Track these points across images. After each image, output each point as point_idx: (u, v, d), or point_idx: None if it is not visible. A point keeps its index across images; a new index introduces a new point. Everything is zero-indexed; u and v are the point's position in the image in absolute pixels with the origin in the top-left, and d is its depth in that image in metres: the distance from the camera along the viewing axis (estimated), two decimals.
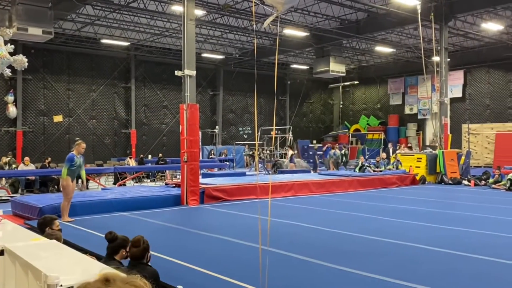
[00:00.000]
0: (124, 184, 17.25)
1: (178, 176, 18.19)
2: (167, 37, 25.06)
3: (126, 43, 25.47)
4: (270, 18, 4.98)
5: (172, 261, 6.15)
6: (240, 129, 32.44)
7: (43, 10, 16.07)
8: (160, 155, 22.79)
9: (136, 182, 18.52)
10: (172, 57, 27.13)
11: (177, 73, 12.29)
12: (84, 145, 9.53)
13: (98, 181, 17.19)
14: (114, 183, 17.84)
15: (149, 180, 19.65)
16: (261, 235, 5.15)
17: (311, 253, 6.56)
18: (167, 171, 20.39)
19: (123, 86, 27.70)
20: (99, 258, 4.52)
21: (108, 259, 4.19)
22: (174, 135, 27.75)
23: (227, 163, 23.93)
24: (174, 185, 13.81)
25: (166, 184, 15.48)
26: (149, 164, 22.04)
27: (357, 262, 6.15)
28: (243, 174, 18.51)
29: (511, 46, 24.97)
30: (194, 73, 12.22)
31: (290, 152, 22.12)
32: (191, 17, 12.34)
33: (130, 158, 21.45)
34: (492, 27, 21.54)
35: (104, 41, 24.29)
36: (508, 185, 15.91)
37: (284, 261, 6.26)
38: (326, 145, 26.69)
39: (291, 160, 21.49)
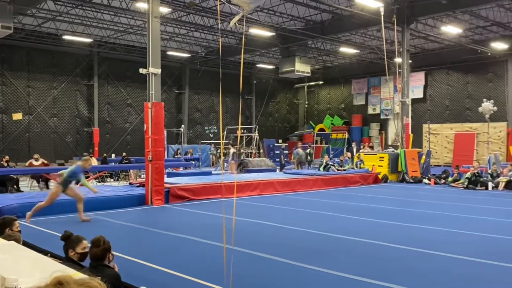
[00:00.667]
0: None
1: (142, 176, 17.94)
2: (131, 34, 24.65)
3: (88, 40, 24.90)
4: (236, 18, 4.99)
5: (136, 262, 6.07)
6: (206, 128, 32.29)
7: (2, 5, 15.55)
8: (124, 154, 22.42)
9: (99, 182, 18.16)
10: (137, 55, 26.72)
11: (142, 71, 12.12)
12: (91, 162, 9.62)
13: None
14: (76, 183, 17.39)
15: (112, 180, 19.31)
16: (227, 234, 5.15)
17: (276, 252, 6.61)
18: (131, 170, 20.07)
19: (85, 83, 27.09)
20: (60, 259, 4.42)
21: (67, 260, 4.09)
22: (138, 133, 27.34)
23: (193, 162, 23.78)
24: (138, 184, 13.62)
25: (130, 183, 15.25)
26: (113, 163, 21.64)
27: (322, 260, 6.24)
28: (209, 174, 18.44)
29: (469, 49, 25.84)
30: (159, 71, 12.08)
31: (232, 150, 22.06)
32: (156, 14, 12.19)
33: (91, 156, 20.98)
34: (451, 30, 22.23)
35: (66, 37, 23.68)
36: (466, 183, 16.48)
37: (250, 260, 6.28)
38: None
39: (232, 158, 21.43)
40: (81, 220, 9.15)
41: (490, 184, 16.13)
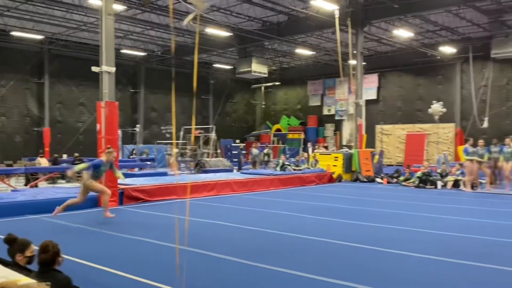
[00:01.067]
0: (36, 186, 16.28)
1: None
2: (84, 32, 23.99)
3: (39, 37, 24.04)
4: (190, 16, 4.95)
5: (88, 265, 5.91)
6: (162, 128, 31.83)
7: None
8: (76, 154, 21.78)
9: (50, 183, 17.56)
10: (90, 53, 26.00)
11: (94, 69, 11.82)
12: (115, 154, 9.83)
13: (7, 182, 16.07)
14: (25, 184, 16.79)
15: (64, 181, 18.72)
16: (182, 235, 5.10)
17: (232, 252, 6.60)
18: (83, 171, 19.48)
19: (35, 81, 26.13)
20: (6, 264, 4.23)
21: (14, 265, 3.93)
22: (91, 133, 26.47)
23: (149, 162, 23.39)
24: None
25: None
26: (64, 164, 20.96)
27: (278, 259, 6.28)
28: (165, 174, 18.21)
29: (420, 52, 26.76)
30: (113, 69, 11.82)
31: (174, 151, 22.15)
32: (109, 11, 11.92)
33: (42, 157, 20.27)
34: (403, 33, 22.94)
35: (14, 33, 22.75)
36: (417, 182, 17.06)
37: (205, 260, 6.24)
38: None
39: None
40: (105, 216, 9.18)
41: (440, 183, 16.74)
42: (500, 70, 26.45)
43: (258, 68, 26.18)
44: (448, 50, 25.82)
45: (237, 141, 31.92)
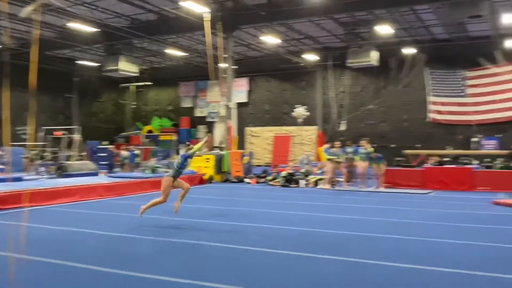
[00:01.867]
0: None
1: None
2: None
3: None
4: (30, 7, 4.55)
5: None
6: (17, 128, 29.00)
7: None
8: None
9: None
10: None
11: None
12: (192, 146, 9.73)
13: None
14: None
15: None
16: (33, 245, 4.66)
17: (91, 260, 6.20)
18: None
19: None
20: None
21: None
22: None
23: (1, 166, 21.13)
24: None
25: None
26: None
27: (143, 265, 6.06)
28: (20, 179, 16.63)
29: (286, 58, 28.18)
30: None
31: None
32: None
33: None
34: (270, 40, 23.95)
35: None
36: (282, 182, 17.91)
37: (60, 271, 5.79)
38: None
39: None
40: (175, 210, 9.31)
41: (303, 182, 17.77)
42: (355, 78, 29.00)
43: (127, 67, 25.24)
44: (310, 57, 27.57)
45: (105, 142, 30.44)
